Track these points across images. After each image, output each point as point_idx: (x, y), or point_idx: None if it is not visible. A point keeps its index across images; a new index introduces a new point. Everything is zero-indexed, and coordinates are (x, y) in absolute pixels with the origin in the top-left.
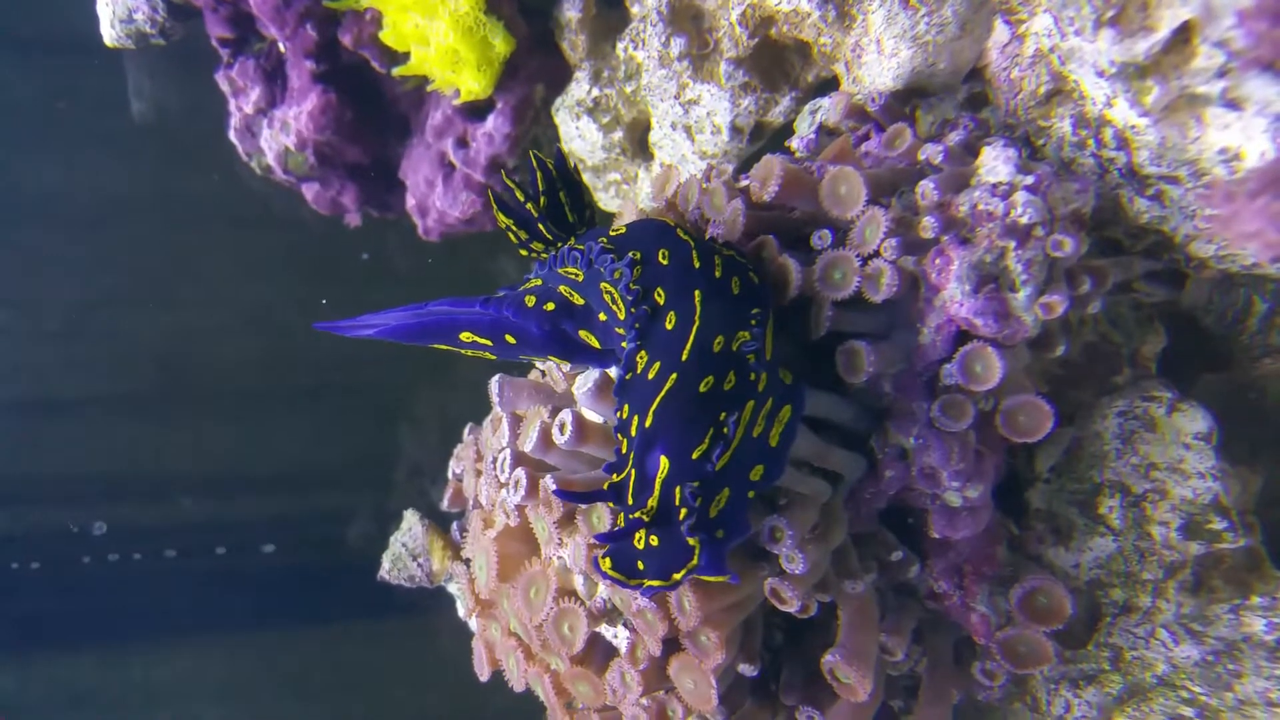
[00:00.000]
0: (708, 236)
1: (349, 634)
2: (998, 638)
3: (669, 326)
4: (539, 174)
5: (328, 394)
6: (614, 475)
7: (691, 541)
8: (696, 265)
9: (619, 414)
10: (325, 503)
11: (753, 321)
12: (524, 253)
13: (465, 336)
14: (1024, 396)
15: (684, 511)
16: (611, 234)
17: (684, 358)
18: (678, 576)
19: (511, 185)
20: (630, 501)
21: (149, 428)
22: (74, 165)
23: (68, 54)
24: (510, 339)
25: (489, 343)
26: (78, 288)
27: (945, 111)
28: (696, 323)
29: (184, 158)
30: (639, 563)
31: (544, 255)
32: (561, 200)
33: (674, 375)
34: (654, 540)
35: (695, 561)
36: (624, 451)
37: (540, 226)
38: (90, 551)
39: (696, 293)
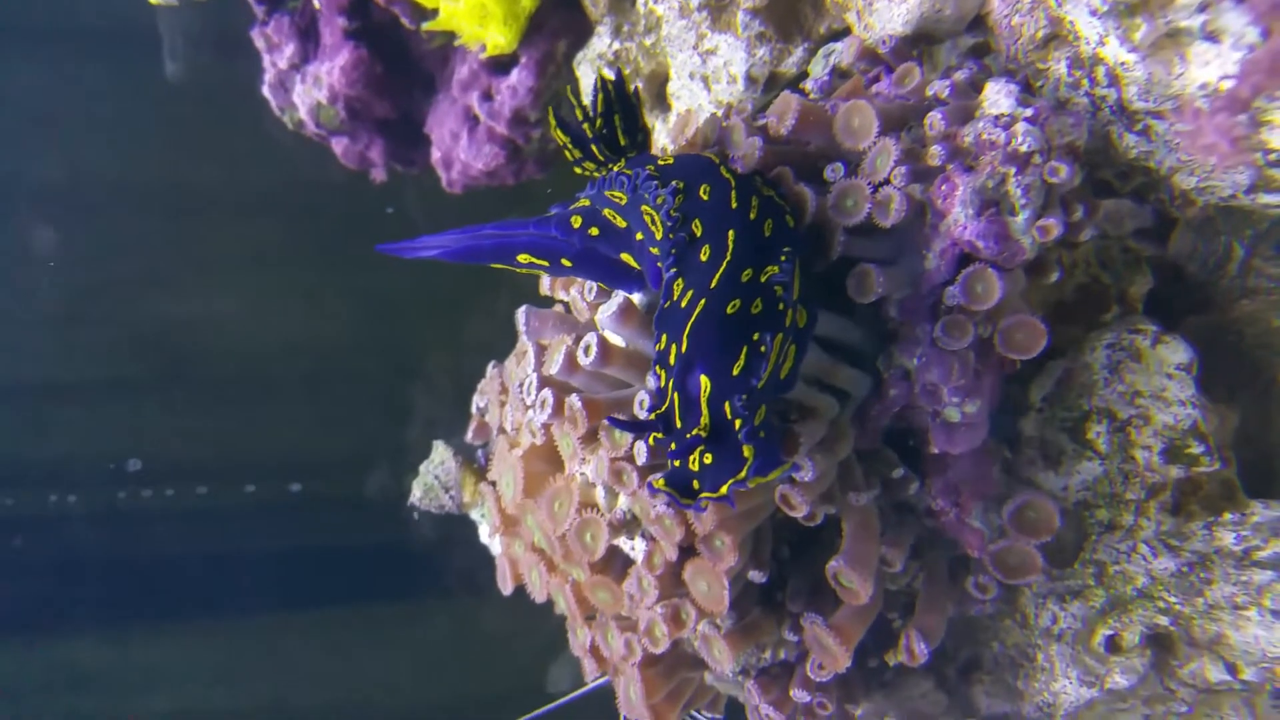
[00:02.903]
0: None
1: (356, 617)
2: (990, 550)
3: (703, 259)
4: (599, 95)
5: (334, 376)
6: (657, 409)
7: (746, 451)
8: (734, 205)
9: (657, 345)
10: (331, 489)
11: (782, 258)
12: (577, 170)
13: (523, 258)
14: (1020, 316)
15: (738, 422)
16: (660, 163)
17: (713, 285)
18: (727, 487)
19: (574, 101)
20: (680, 425)
21: (154, 412)
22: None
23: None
24: (566, 262)
25: (545, 263)
26: (91, 270)
27: (951, 56)
28: (728, 257)
29: (219, 114)
30: (694, 482)
31: (596, 174)
32: (616, 123)
33: (703, 300)
34: (707, 458)
35: (744, 474)
36: (663, 384)
37: (593, 147)
38: (93, 534)
39: (731, 231)
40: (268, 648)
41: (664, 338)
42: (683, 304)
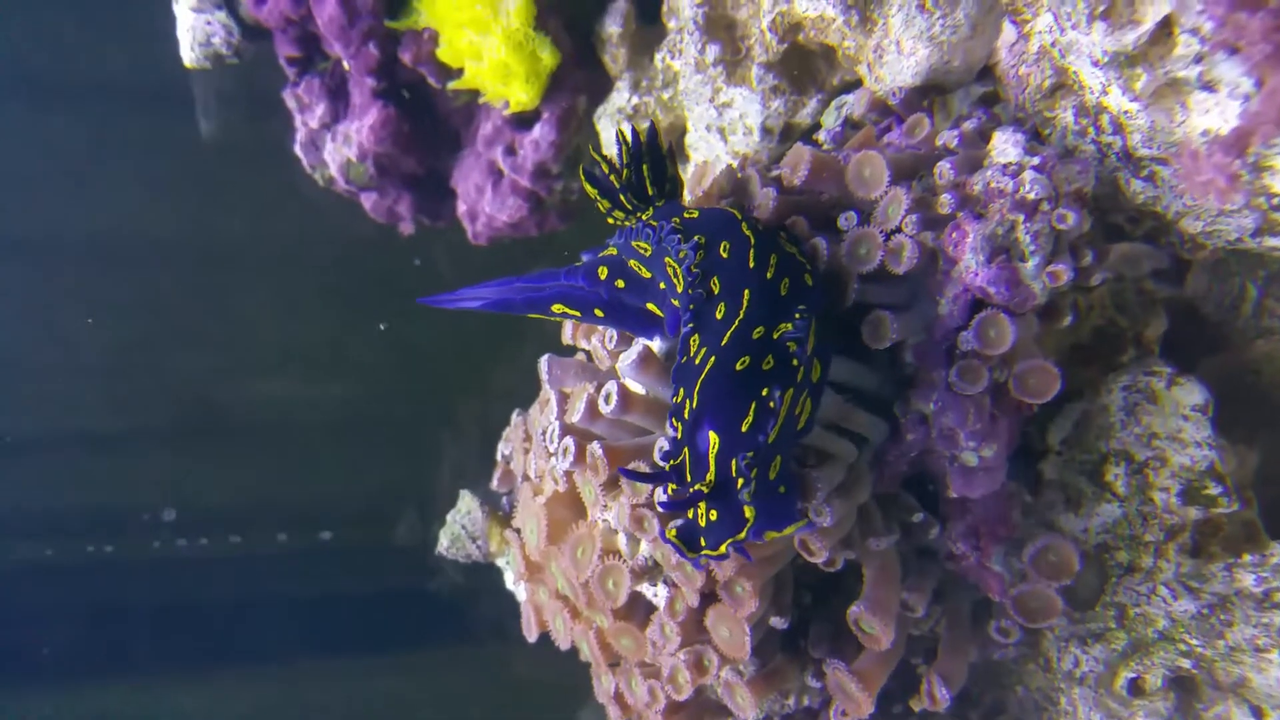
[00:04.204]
0: None
1: (385, 664)
2: (1011, 593)
3: (718, 316)
4: (624, 146)
5: (364, 425)
6: (671, 460)
7: (747, 513)
8: (751, 265)
9: (674, 398)
10: (362, 537)
11: (797, 315)
12: (610, 220)
13: (557, 308)
14: (1034, 361)
15: (740, 482)
16: (685, 216)
17: (723, 343)
18: (725, 546)
19: (598, 158)
20: (689, 479)
21: (189, 462)
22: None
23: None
24: (598, 312)
25: (578, 313)
26: (131, 323)
27: (960, 106)
28: (740, 315)
29: (252, 171)
30: (700, 539)
31: (626, 223)
32: (644, 173)
33: (713, 358)
34: (713, 515)
35: (743, 535)
36: (679, 437)
37: (622, 197)
38: (129, 583)
39: (746, 290)
40: (299, 694)
41: (680, 392)
42: (697, 360)
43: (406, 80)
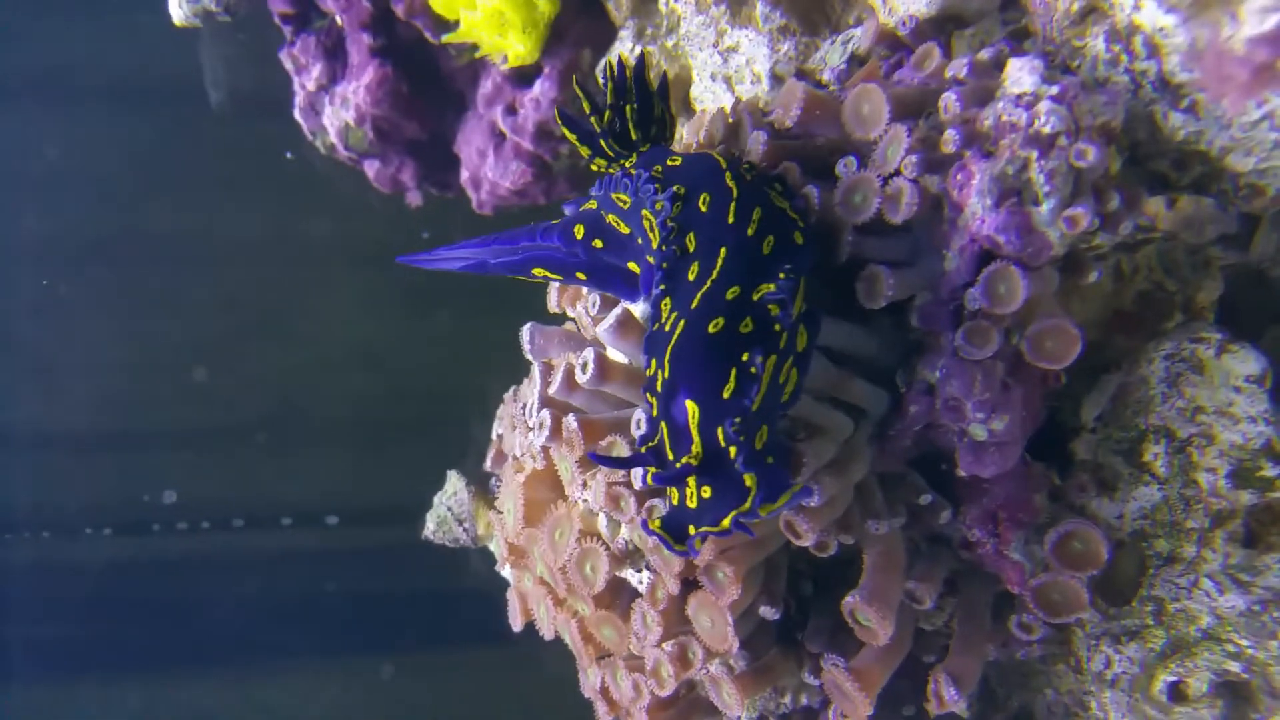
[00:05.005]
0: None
1: (467, 662)
2: (1031, 585)
3: (690, 277)
4: (609, 85)
5: (435, 425)
6: (648, 442)
7: (748, 479)
8: (731, 220)
9: (647, 370)
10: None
11: (781, 275)
12: (593, 166)
13: (537, 271)
14: (1050, 320)
15: (733, 450)
16: (668, 163)
17: (693, 306)
18: (729, 520)
19: (580, 94)
20: (671, 457)
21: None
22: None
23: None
24: (580, 275)
25: (559, 277)
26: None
27: (982, 38)
28: (713, 276)
29: (251, 139)
30: (689, 525)
31: (609, 170)
32: (628, 115)
33: (683, 322)
34: (705, 492)
35: (748, 505)
36: (654, 414)
37: (602, 143)
38: (213, 576)
39: (723, 250)
40: (381, 691)
41: (653, 363)
42: (667, 326)
43: (406, 37)
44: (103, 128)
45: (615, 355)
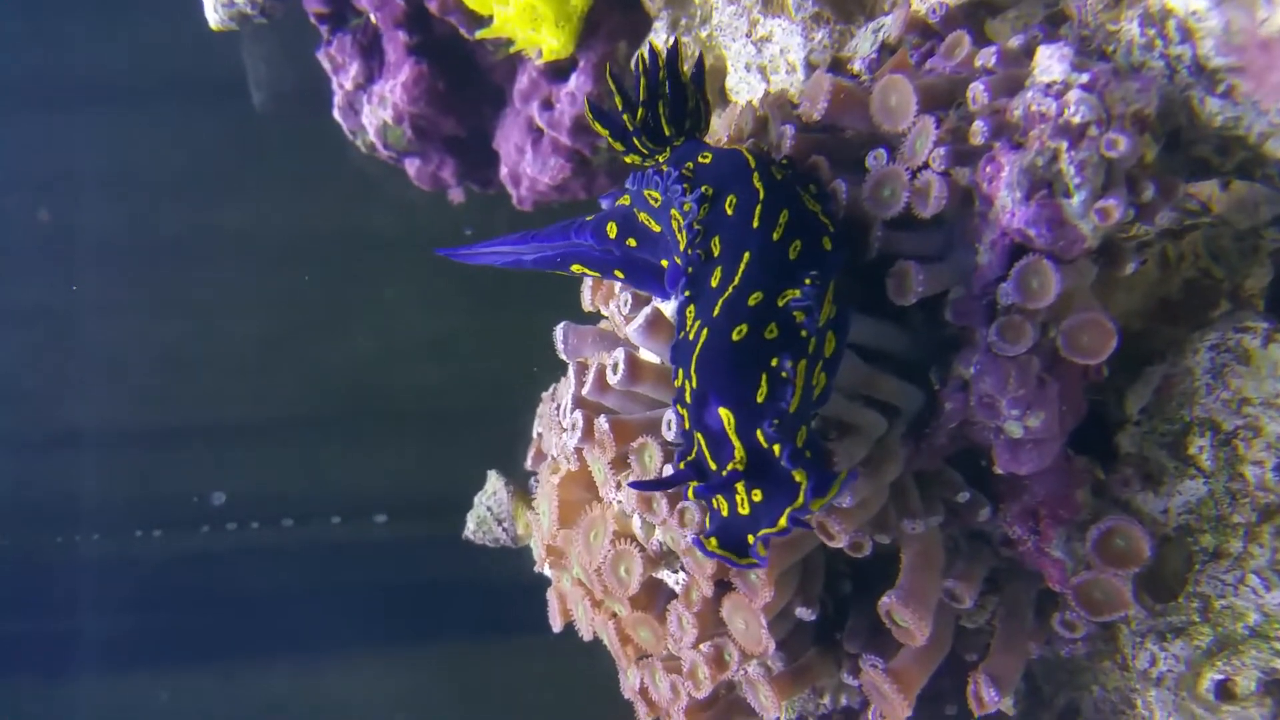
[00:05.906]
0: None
1: (531, 649)
2: (1072, 583)
3: (713, 284)
4: (641, 80)
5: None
6: (687, 456)
7: (797, 475)
8: (756, 224)
9: (675, 381)
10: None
11: (807, 281)
12: (626, 160)
13: (576, 268)
14: (1085, 314)
15: (777, 448)
16: (699, 160)
17: (714, 314)
18: (785, 518)
19: (613, 89)
20: (714, 466)
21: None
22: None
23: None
24: (618, 273)
25: (597, 274)
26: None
27: (1025, 20)
28: (735, 283)
29: (291, 138)
30: (748, 535)
31: (646, 165)
32: (660, 110)
33: (706, 330)
34: (756, 495)
35: (801, 500)
36: (686, 426)
37: (635, 140)
38: (281, 567)
39: (746, 254)
40: (449, 678)
41: (680, 373)
42: (691, 334)
43: (442, 34)
44: (154, 130)
45: (646, 355)
